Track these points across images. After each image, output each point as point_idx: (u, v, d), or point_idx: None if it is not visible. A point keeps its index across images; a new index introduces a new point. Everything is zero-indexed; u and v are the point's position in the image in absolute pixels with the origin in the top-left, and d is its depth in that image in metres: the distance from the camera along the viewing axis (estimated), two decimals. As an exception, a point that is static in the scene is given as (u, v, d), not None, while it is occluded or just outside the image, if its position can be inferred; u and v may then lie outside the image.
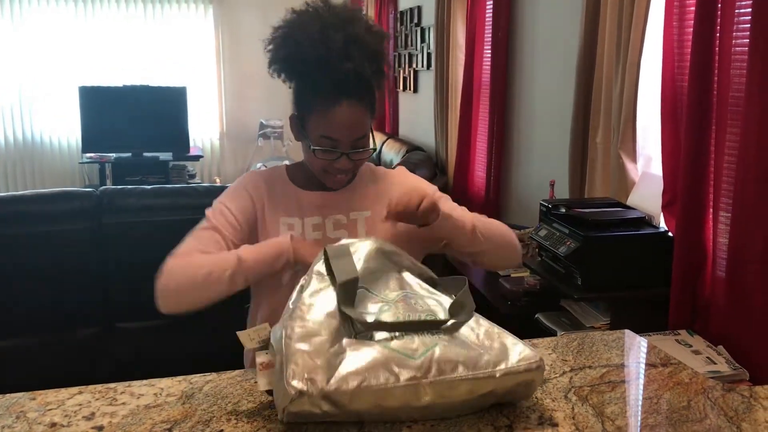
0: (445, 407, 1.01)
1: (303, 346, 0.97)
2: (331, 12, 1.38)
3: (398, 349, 0.99)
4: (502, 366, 1.02)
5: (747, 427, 1.06)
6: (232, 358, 1.56)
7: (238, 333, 1.08)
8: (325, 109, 1.36)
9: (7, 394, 1.15)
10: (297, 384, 0.93)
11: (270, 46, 1.40)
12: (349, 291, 1.04)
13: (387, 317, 1.05)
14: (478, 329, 1.08)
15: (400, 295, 1.11)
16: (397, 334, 1.02)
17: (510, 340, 1.07)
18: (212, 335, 1.73)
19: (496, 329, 1.09)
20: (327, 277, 1.07)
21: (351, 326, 1.02)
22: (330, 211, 1.49)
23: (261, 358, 1.05)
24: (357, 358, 0.97)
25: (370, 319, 1.04)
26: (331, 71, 1.34)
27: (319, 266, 1.10)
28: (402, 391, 0.97)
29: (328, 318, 1.02)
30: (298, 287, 1.08)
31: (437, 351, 1.00)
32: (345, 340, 1.00)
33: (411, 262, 1.19)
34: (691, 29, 2.10)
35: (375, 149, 1.50)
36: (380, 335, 1.01)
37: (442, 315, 1.09)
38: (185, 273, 1.35)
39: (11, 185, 6.83)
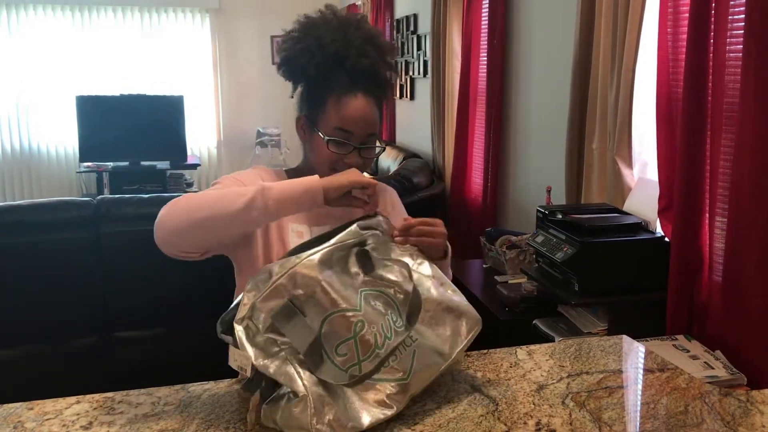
0: None
1: (320, 390, 1.01)
2: (345, 16, 1.43)
3: (390, 378, 1.07)
4: (458, 349, 1.18)
5: (744, 432, 1.06)
6: (230, 366, 1.56)
7: (232, 349, 1.05)
8: (341, 102, 1.38)
9: (5, 404, 1.15)
10: (322, 428, 0.99)
11: (285, 45, 1.43)
12: (315, 353, 1.03)
13: (367, 338, 1.06)
14: (430, 318, 1.17)
15: (365, 294, 1.11)
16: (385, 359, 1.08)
17: (455, 316, 1.19)
18: (210, 344, 1.73)
19: (441, 305, 1.18)
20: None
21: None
22: (337, 222, 1.49)
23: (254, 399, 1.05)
24: (362, 400, 1.04)
25: (346, 349, 1.05)
26: (348, 65, 1.38)
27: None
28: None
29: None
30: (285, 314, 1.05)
31: (415, 364, 1.10)
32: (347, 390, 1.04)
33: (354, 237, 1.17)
34: (686, 35, 2.11)
35: (384, 149, 1.51)
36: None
37: (399, 319, 1.13)
38: (194, 199, 1.24)
39: (9, 195, 6.83)
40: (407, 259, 1.22)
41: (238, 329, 1.03)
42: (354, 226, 1.18)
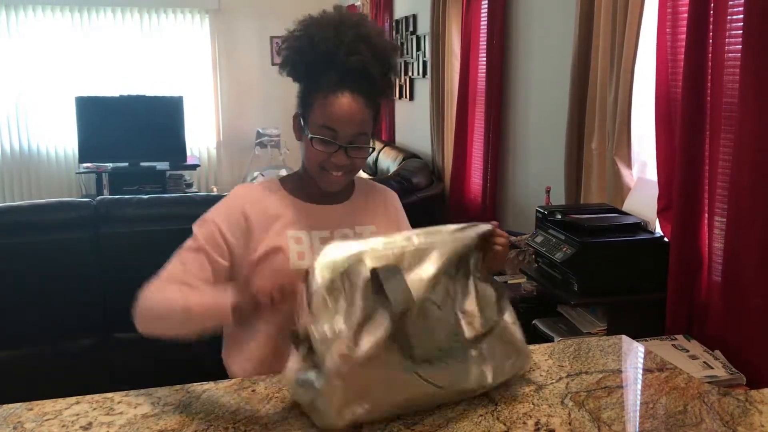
0: None
1: (342, 382, 1.01)
2: (346, 15, 1.42)
3: (430, 382, 1.08)
4: (500, 380, 1.18)
5: (743, 431, 1.06)
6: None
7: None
8: (327, 99, 1.37)
9: (4, 405, 1.15)
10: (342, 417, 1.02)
11: (285, 44, 1.43)
12: (403, 323, 1.04)
13: (437, 332, 1.07)
14: (490, 348, 1.16)
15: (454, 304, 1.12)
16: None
17: (510, 351, 1.19)
18: (210, 344, 1.73)
19: (505, 339, 1.18)
20: (374, 298, 1.05)
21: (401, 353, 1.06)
22: (337, 225, 1.48)
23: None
24: (398, 393, 1.06)
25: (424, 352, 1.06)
26: (338, 63, 1.37)
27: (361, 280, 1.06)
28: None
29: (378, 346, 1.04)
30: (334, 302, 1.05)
31: (458, 382, 1.11)
32: (393, 373, 1.05)
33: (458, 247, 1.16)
34: (684, 35, 2.12)
35: (373, 149, 1.48)
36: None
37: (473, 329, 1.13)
38: (153, 305, 1.33)
39: (8, 196, 6.82)
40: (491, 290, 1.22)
41: (322, 290, 1.03)
42: (474, 234, 1.19)
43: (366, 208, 1.54)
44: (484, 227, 1.21)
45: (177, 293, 1.31)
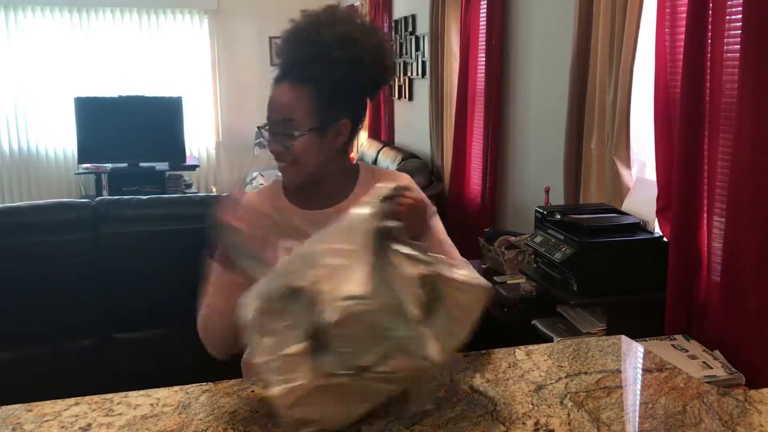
0: None
1: (291, 381, 1.00)
2: (328, 13, 1.41)
3: (386, 372, 1.03)
4: (462, 336, 1.12)
5: (742, 431, 1.06)
6: (228, 367, 1.56)
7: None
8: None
9: (4, 406, 1.15)
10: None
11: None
12: (324, 342, 1.01)
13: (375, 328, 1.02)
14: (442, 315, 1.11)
15: (382, 277, 1.05)
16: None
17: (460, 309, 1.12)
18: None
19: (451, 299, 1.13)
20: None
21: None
22: None
23: None
24: (338, 390, 1.02)
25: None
26: (284, 60, 1.41)
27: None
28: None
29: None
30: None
31: (425, 358, 1.04)
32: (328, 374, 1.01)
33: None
34: (683, 34, 2.12)
35: (304, 133, 1.37)
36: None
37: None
38: (206, 332, 1.47)
39: (7, 197, 6.82)
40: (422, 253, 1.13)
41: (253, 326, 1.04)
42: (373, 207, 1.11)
43: None
44: (384, 190, 1.14)
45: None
